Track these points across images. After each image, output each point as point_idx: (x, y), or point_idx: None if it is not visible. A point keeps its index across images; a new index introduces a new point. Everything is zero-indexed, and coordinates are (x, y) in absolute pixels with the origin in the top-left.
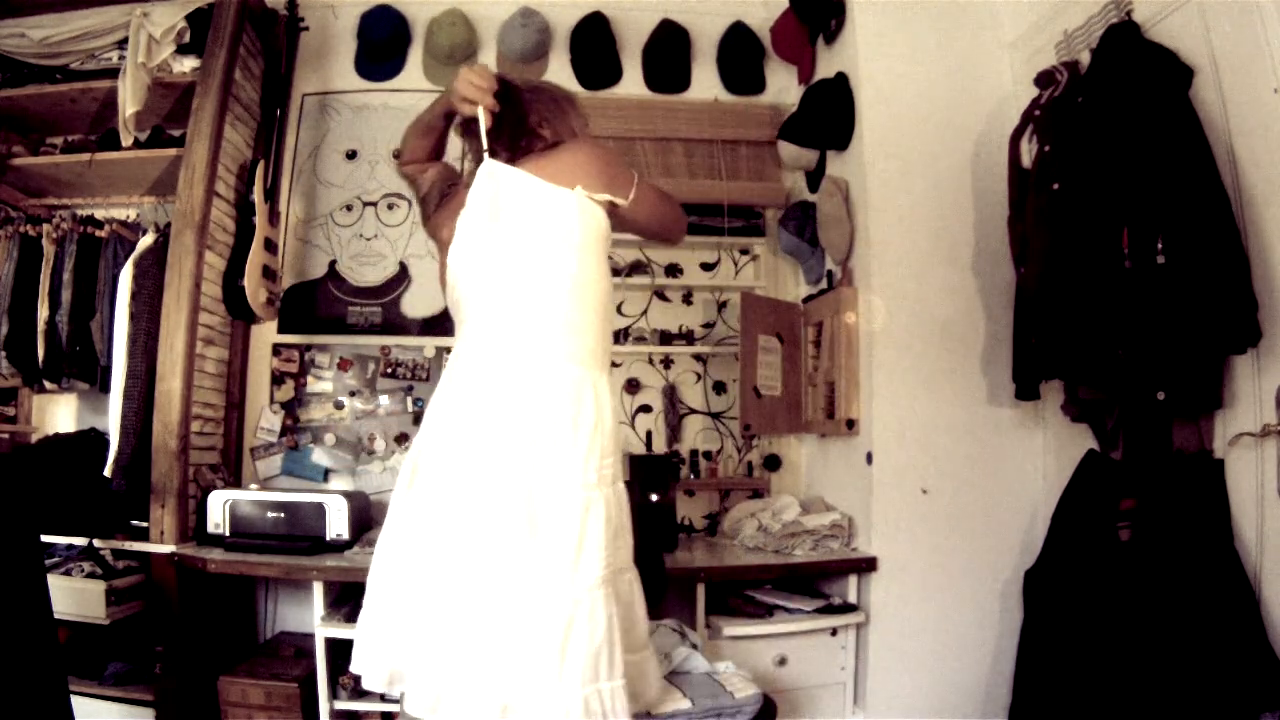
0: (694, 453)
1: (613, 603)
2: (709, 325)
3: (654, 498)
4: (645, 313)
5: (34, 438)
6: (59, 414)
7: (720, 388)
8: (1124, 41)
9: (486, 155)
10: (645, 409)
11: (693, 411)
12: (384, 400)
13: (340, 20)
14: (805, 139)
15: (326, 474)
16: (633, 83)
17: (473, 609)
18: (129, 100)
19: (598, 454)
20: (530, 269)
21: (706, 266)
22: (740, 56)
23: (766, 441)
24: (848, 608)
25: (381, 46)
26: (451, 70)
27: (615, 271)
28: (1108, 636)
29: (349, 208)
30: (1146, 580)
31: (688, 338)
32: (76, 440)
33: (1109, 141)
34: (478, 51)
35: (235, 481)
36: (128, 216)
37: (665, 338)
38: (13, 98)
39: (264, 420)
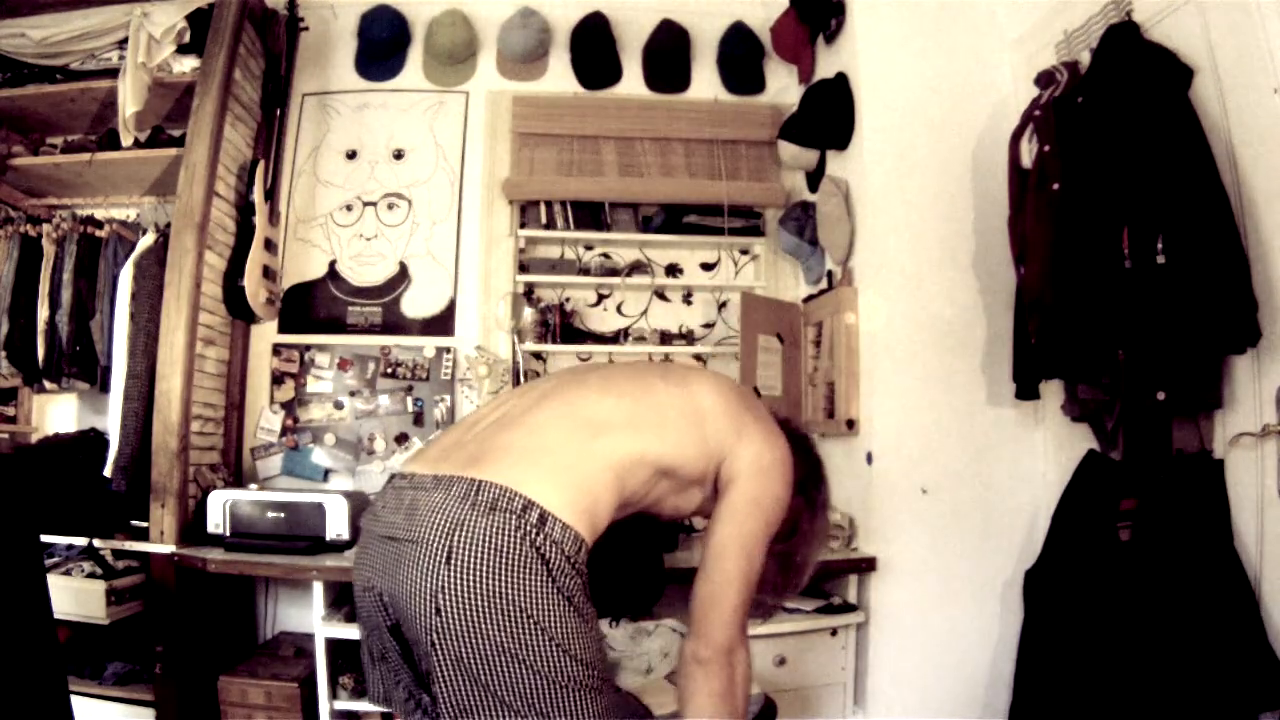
0: None
1: None
2: (709, 325)
3: None
4: (645, 313)
5: (34, 438)
6: (59, 414)
7: None
8: (1124, 41)
9: None
10: None
11: None
12: (384, 400)
13: (340, 20)
14: (805, 139)
15: (326, 474)
16: (633, 83)
17: None
18: (129, 100)
19: None
20: None
21: (706, 266)
22: (740, 56)
23: None
24: (848, 608)
25: (381, 46)
26: (451, 70)
27: (614, 271)
28: (1108, 636)
29: (349, 208)
30: (1146, 580)
31: (688, 338)
32: (76, 440)
33: (1109, 141)
34: (478, 51)
35: (235, 481)
36: (128, 216)
37: (665, 338)
38: (13, 98)
39: (264, 420)
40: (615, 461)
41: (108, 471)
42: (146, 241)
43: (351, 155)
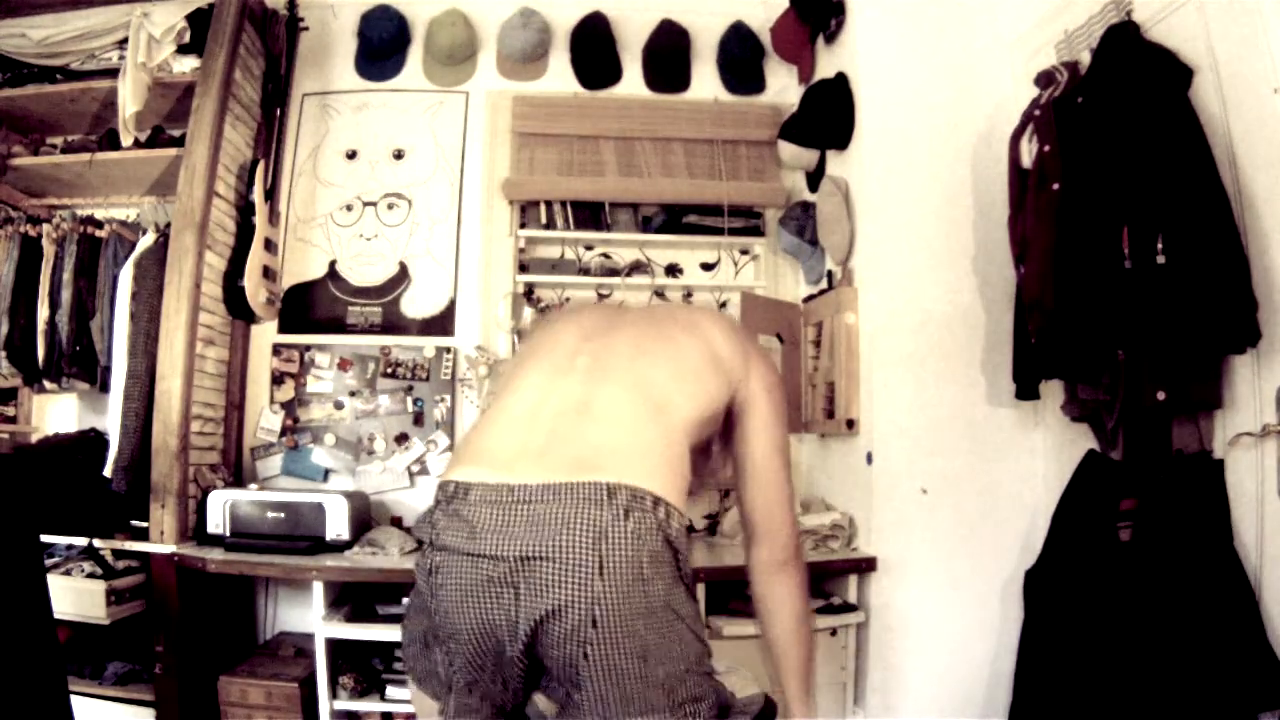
0: None
1: None
2: None
3: None
4: None
5: (34, 438)
6: (59, 414)
7: None
8: (1124, 41)
9: None
10: None
11: None
12: (384, 400)
13: (340, 20)
14: (805, 139)
15: (326, 474)
16: (633, 83)
17: None
18: (129, 100)
19: None
20: None
21: (706, 266)
22: (740, 56)
23: None
24: (848, 608)
25: (381, 46)
26: (451, 70)
27: (614, 271)
28: (1108, 636)
29: (349, 208)
30: (1147, 580)
31: None
32: (76, 440)
33: (1109, 141)
34: (478, 51)
35: (235, 481)
36: (128, 216)
37: None
38: (13, 98)
39: (264, 420)
40: (685, 434)
41: (108, 471)
42: (146, 241)
43: (351, 155)
